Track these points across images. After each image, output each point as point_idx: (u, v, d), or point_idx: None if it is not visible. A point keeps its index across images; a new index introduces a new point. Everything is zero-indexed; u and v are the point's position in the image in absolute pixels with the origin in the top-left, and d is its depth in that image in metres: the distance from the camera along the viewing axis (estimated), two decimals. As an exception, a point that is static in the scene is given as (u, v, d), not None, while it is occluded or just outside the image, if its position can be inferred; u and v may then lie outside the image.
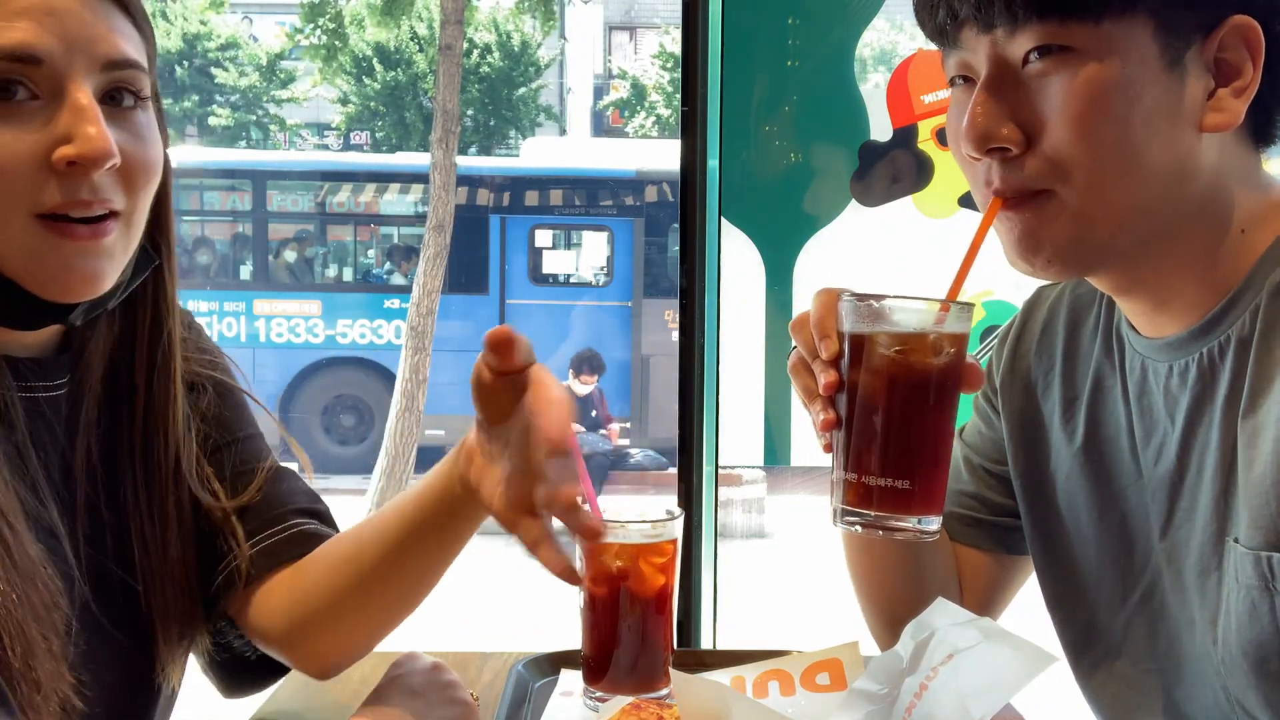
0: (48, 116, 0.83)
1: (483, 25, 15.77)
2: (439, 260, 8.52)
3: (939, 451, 0.94)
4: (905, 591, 1.22)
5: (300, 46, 10.53)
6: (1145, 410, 1.02)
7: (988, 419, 1.22)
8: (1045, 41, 0.89)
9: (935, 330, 0.92)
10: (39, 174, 0.83)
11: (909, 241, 1.93)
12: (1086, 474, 1.08)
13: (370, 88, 15.85)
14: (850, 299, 0.94)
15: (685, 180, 1.83)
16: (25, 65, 0.81)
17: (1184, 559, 0.98)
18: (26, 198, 0.83)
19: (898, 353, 0.92)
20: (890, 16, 1.96)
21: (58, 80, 0.83)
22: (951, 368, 0.93)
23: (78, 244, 0.85)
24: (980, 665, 0.97)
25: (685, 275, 1.82)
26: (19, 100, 0.82)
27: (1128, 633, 1.05)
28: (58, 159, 0.83)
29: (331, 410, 10.54)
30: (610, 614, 1.13)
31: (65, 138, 0.83)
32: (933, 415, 0.93)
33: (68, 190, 0.84)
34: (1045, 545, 1.14)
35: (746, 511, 7.69)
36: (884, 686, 1.06)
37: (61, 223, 0.85)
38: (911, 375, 0.92)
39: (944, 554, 1.23)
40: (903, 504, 0.93)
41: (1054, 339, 1.14)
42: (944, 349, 0.92)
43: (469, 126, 15.98)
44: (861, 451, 0.93)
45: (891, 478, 0.92)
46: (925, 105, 1.92)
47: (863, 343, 0.93)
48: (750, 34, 1.88)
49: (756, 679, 1.19)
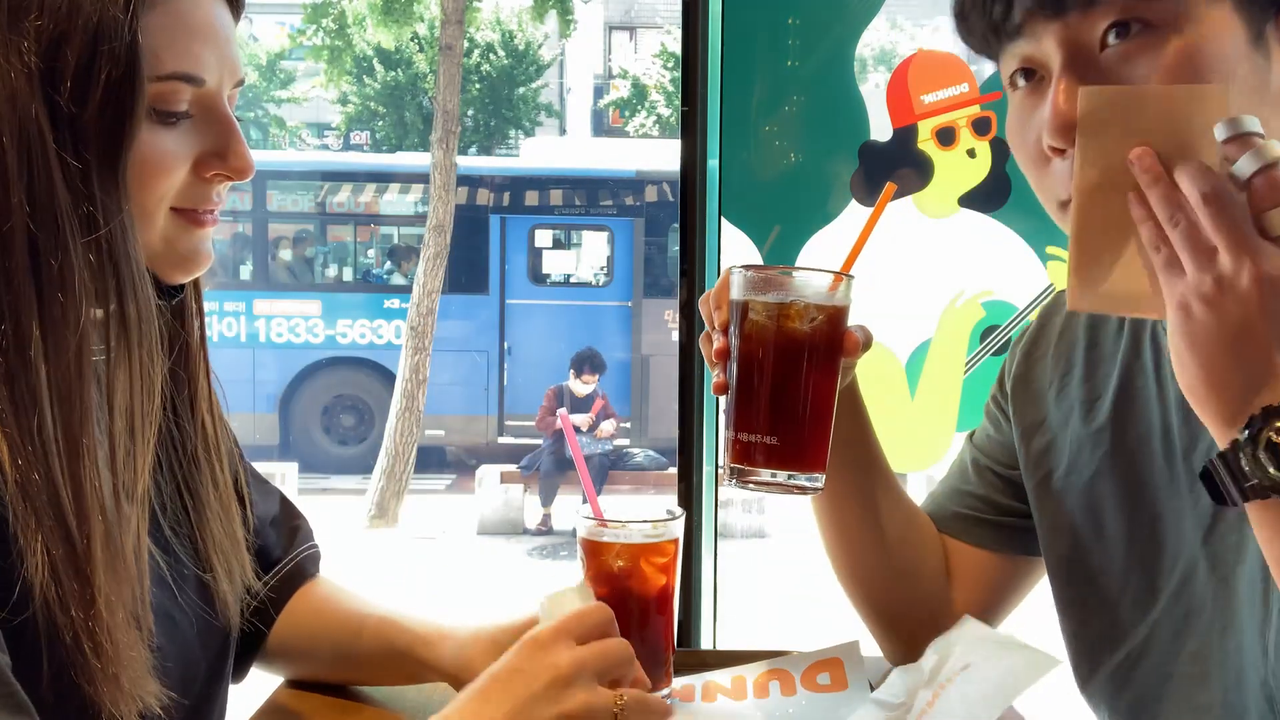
0: (200, 131, 0.91)
1: (485, 24, 15.77)
2: (439, 260, 8.53)
3: (815, 412, 1.02)
4: (878, 572, 1.23)
5: (304, 47, 10.52)
6: (1192, 414, 0.97)
7: (997, 423, 1.22)
8: (1124, 16, 0.84)
9: (808, 300, 1.00)
10: (188, 179, 0.92)
11: (909, 241, 1.93)
12: (1115, 475, 1.06)
13: (370, 88, 15.86)
14: (739, 269, 1.03)
15: (685, 180, 1.83)
16: (192, 85, 0.89)
17: (1232, 566, 0.96)
18: (173, 197, 0.92)
19: (772, 319, 1.01)
20: (890, 16, 1.96)
21: (212, 99, 0.92)
22: (825, 334, 1.01)
23: (204, 230, 0.95)
24: (987, 672, 0.98)
25: (685, 275, 1.82)
26: (183, 114, 0.90)
27: (1152, 636, 1.03)
28: (210, 170, 0.92)
29: (331, 410, 10.54)
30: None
31: (215, 152, 0.92)
32: (807, 378, 1.01)
33: (205, 195, 0.94)
34: (1061, 549, 1.12)
35: (746, 511, 7.69)
36: (901, 696, 1.07)
37: (189, 211, 0.94)
38: (785, 339, 1.01)
39: (921, 543, 1.23)
40: (782, 460, 1.01)
41: (1074, 342, 1.13)
42: (818, 317, 1.00)
43: (469, 126, 15.98)
44: (742, 412, 1.02)
45: (768, 435, 1.00)
46: (925, 105, 1.92)
47: (745, 310, 1.02)
48: (750, 34, 1.88)
49: (757, 679, 1.19)
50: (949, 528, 1.24)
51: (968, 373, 1.92)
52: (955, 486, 1.25)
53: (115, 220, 0.84)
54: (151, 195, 0.89)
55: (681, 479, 1.85)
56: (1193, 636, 1.00)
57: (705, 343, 1.09)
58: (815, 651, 1.21)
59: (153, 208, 0.90)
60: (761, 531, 7.73)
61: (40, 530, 0.79)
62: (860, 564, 1.24)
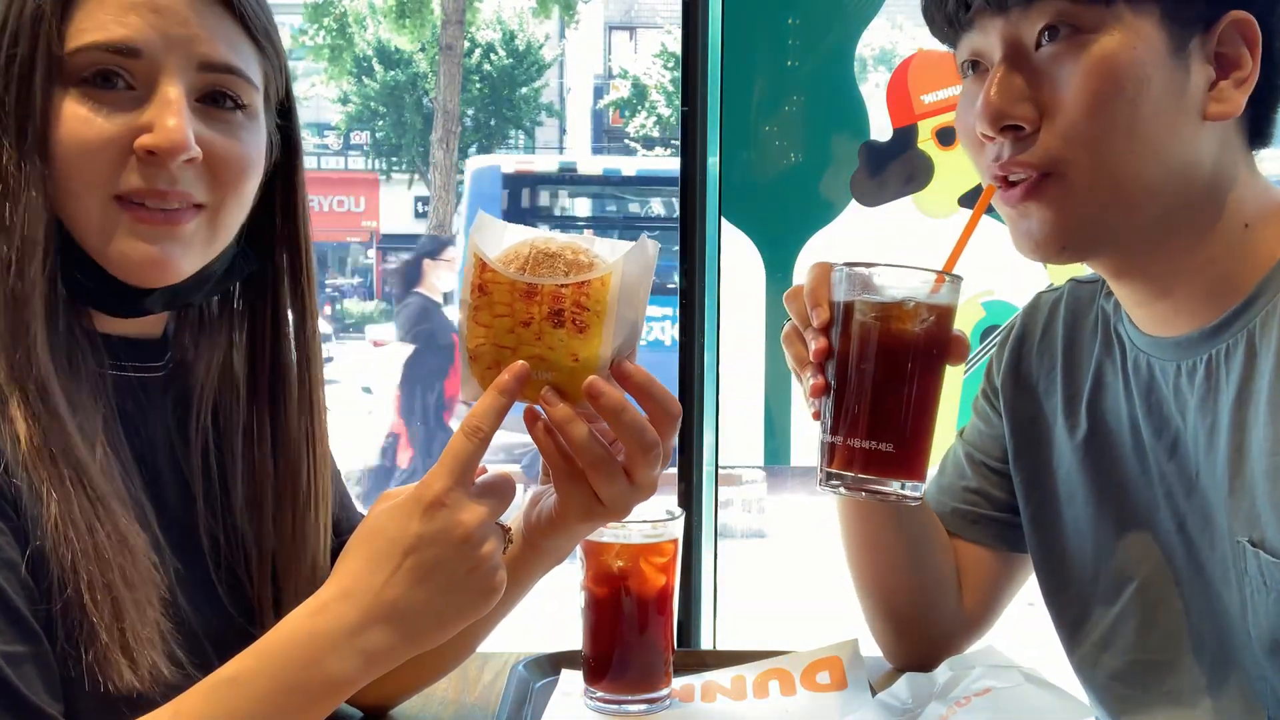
0: (138, 106, 0.87)
1: (486, 24, 15.77)
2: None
3: (923, 418, 0.97)
4: (903, 582, 1.23)
5: (305, 47, 10.52)
6: (1154, 407, 1.03)
7: (988, 418, 1.24)
8: (1057, 20, 0.92)
9: (922, 300, 0.95)
10: (120, 158, 0.87)
11: (909, 241, 1.93)
12: (1086, 467, 1.10)
13: (370, 87, 15.86)
14: (843, 268, 0.98)
15: (685, 180, 1.83)
16: (125, 58, 0.86)
17: (1206, 554, 0.99)
18: (107, 179, 0.87)
19: (885, 320, 0.96)
20: (890, 16, 1.96)
21: (153, 74, 0.88)
22: (936, 337, 0.96)
23: (149, 227, 0.89)
24: (1019, 705, 0.99)
25: (685, 275, 1.82)
26: (117, 90, 0.87)
27: (1118, 625, 1.07)
28: (138, 146, 0.87)
29: (331, 410, 10.52)
30: (611, 614, 1.13)
31: (147, 127, 0.87)
32: (918, 382, 0.96)
33: (147, 178, 0.88)
34: (1042, 539, 1.15)
35: (746, 511, 7.68)
36: (909, 702, 1.08)
37: (136, 206, 0.88)
38: (897, 342, 0.95)
39: (944, 549, 1.24)
40: (886, 467, 0.95)
41: (1054, 338, 1.16)
42: (930, 318, 0.95)
43: (469, 126, 15.98)
44: (846, 415, 0.96)
45: (875, 441, 0.95)
46: (925, 105, 1.92)
47: (853, 310, 0.97)
48: (750, 34, 1.88)
49: (757, 679, 1.19)
50: (950, 524, 1.25)
51: (968, 373, 1.92)
52: (953, 482, 1.26)
53: (22, 199, 0.83)
54: (80, 174, 0.86)
55: (681, 479, 1.84)
56: (1162, 624, 1.03)
57: (794, 341, 1.03)
58: (815, 651, 1.21)
59: (86, 192, 0.87)
60: (761, 531, 7.72)
61: (53, 485, 0.81)
62: (889, 574, 1.24)
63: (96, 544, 0.82)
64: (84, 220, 0.88)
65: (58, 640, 0.81)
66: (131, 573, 0.84)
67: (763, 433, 1.95)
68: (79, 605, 0.81)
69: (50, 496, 0.81)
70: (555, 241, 0.84)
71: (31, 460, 0.81)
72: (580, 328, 0.82)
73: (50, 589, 0.81)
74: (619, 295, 0.81)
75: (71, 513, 0.82)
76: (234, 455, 1.01)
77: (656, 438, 0.85)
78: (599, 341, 0.82)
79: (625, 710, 1.14)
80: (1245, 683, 0.97)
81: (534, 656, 1.25)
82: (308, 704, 0.79)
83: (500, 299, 0.84)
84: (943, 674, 1.10)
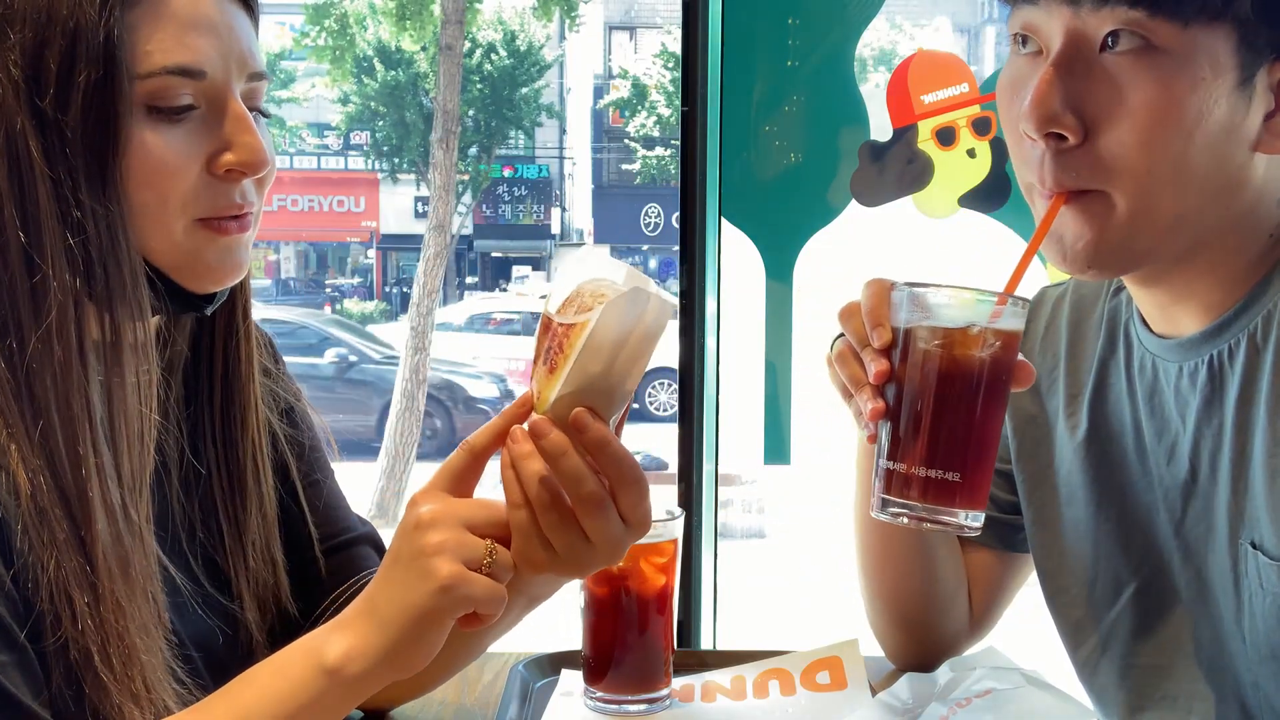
0: (209, 126, 0.89)
1: (486, 24, 15.77)
2: (439, 260, 8.52)
3: (987, 446, 0.94)
4: (918, 589, 1.22)
5: (306, 48, 10.51)
6: (1156, 409, 1.02)
7: None
8: (1128, 27, 0.85)
9: (990, 325, 0.91)
10: (200, 180, 0.89)
11: (909, 242, 1.93)
12: (1087, 467, 1.09)
13: (370, 88, 15.85)
14: (905, 289, 0.93)
15: (685, 180, 1.83)
16: (192, 79, 0.87)
17: (1204, 558, 0.98)
18: (190, 204, 0.88)
19: (950, 345, 0.91)
20: (890, 16, 1.96)
21: (218, 92, 0.89)
22: (1004, 362, 0.92)
23: (229, 239, 0.91)
24: (1020, 707, 0.99)
25: (685, 275, 1.82)
26: (186, 112, 0.87)
27: (1115, 628, 1.06)
28: (220, 166, 0.89)
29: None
30: (611, 614, 1.13)
31: (226, 146, 0.89)
32: (983, 409, 0.92)
33: (225, 194, 0.90)
34: (1043, 539, 1.15)
35: (746, 511, 7.68)
36: (910, 702, 1.08)
37: (213, 220, 0.90)
38: (964, 368, 0.91)
39: (956, 556, 1.23)
40: (950, 497, 0.91)
41: (1058, 336, 1.15)
42: (996, 343, 0.91)
43: (470, 126, 15.98)
44: (911, 442, 0.92)
45: (941, 469, 0.91)
46: (925, 105, 1.92)
47: (916, 333, 0.93)
48: (750, 34, 1.88)
49: (756, 679, 1.19)
50: None
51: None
52: None
53: (102, 225, 0.82)
54: (159, 197, 0.87)
55: (681, 479, 1.84)
56: (1159, 630, 1.02)
57: (850, 362, 0.98)
58: (814, 651, 1.21)
59: (164, 213, 0.87)
60: (761, 531, 7.72)
61: (53, 543, 0.80)
62: (904, 581, 1.23)
63: (115, 592, 0.83)
64: (163, 242, 0.88)
65: (54, 679, 0.81)
66: (148, 618, 0.85)
67: (763, 433, 1.95)
68: (87, 664, 0.81)
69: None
70: (596, 281, 0.84)
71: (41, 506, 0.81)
72: (551, 369, 0.82)
73: (47, 631, 0.81)
74: (584, 345, 0.80)
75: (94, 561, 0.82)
76: (211, 433, 1.02)
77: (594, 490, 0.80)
78: (556, 383, 0.82)
79: (625, 710, 1.14)
80: (1240, 689, 0.96)
81: (534, 656, 1.25)
82: (321, 713, 0.81)
83: (540, 328, 0.86)
84: (943, 675, 1.10)
